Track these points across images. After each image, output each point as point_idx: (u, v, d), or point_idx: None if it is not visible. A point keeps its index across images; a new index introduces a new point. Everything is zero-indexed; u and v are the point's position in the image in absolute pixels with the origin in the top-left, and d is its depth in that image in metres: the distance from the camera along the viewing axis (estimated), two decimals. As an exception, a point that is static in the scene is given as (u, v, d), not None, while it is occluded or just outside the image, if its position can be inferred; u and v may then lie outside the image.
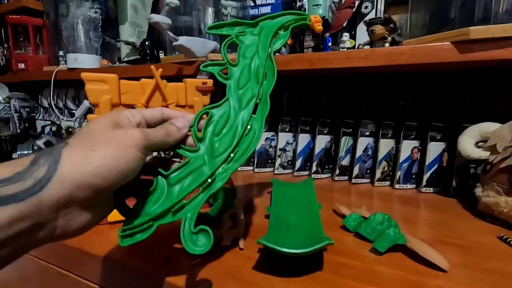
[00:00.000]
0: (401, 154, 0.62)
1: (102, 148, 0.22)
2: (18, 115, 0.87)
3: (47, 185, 0.19)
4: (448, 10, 0.53)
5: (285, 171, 0.75)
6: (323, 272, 0.32)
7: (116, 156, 0.22)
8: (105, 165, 0.22)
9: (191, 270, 0.32)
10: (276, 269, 0.32)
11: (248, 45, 0.29)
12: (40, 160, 0.20)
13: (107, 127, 0.24)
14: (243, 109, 0.27)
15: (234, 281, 0.30)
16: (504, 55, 0.43)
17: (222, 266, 0.33)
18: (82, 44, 0.96)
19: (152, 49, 0.86)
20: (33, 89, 1.14)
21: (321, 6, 0.58)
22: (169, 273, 0.31)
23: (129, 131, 0.24)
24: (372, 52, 0.52)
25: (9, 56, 1.13)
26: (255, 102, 0.27)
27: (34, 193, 0.19)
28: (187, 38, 0.60)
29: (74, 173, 0.20)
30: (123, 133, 0.24)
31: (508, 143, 0.43)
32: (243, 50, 0.29)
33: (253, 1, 0.81)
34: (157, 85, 0.46)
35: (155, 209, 0.24)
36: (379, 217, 0.39)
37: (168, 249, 0.36)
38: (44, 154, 0.21)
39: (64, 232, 0.22)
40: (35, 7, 1.07)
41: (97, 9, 0.96)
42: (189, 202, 0.25)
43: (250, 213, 0.48)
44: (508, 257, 0.35)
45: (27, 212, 0.18)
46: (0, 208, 0.17)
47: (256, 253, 0.35)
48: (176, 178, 0.26)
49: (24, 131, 0.91)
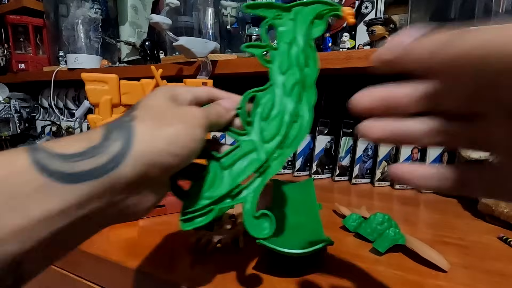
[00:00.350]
0: (401, 155, 0.62)
1: (172, 124, 0.21)
2: (18, 115, 0.87)
3: (122, 161, 0.18)
4: (448, 10, 0.53)
5: (285, 171, 0.75)
6: (323, 272, 0.32)
7: (187, 134, 0.21)
8: (177, 143, 0.20)
9: (191, 270, 0.32)
10: (276, 269, 0.32)
11: (285, 30, 0.28)
12: (112, 134, 0.19)
13: (168, 103, 0.22)
14: (287, 95, 0.26)
15: (234, 281, 0.30)
16: (504, 55, 0.43)
17: (222, 266, 0.33)
18: (82, 44, 0.96)
19: (152, 49, 0.86)
20: (33, 89, 1.14)
21: (321, 6, 0.58)
22: (169, 273, 0.31)
23: (193, 110, 0.23)
24: (372, 52, 0.52)
25: (9, 56, 1.13)
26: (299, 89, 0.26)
27: (110, 169, 0.18)
28: (187, 39, 0.60)
29: (148, 149, 0.19)
30: (189, 111, 0.23)
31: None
32: (280, 34, 0.28)
33: (253, 1, 0.81)
34: (157, 86, 0.46)
35: (212, 193, 0.24)
36: (379, 217, 0.39)
37: (168, 249, 0.36)
38: (114, 127, 0.19)
39: (132, 212, 0.21)
40: (35, 7, 1.07)
41: (97, 9, 0.96)
42: (246, 187, 0.24)
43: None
44: (508, 257, 0.35)
45: (102, 189, 0.17)
46: (74, 185, 0.16)
47: (256, 253, 0.35)
48: (228, 162, 0.25)
49: (24, 131, 0.91)
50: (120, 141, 0.19)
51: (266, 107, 0.27)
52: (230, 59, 0.67)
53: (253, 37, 0.69)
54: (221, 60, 0.67)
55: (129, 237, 0.40)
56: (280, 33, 0.28)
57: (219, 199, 0.23)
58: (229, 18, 0.76)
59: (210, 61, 0.65)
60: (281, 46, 0.28)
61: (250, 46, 0.28)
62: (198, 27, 0.78)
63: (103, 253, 0.35)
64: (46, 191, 0.15)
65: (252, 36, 0.69)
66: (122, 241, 0.38)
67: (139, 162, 0.19)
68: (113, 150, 0.18)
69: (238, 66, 0.65)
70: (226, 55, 0.69)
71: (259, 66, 0.30)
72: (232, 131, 0.26)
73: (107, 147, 0.18)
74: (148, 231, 0.41)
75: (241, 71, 0.65)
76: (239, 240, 0.37)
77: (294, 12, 0.29)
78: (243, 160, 0.25)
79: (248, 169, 0.24)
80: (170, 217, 0.46)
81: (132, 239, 0.39)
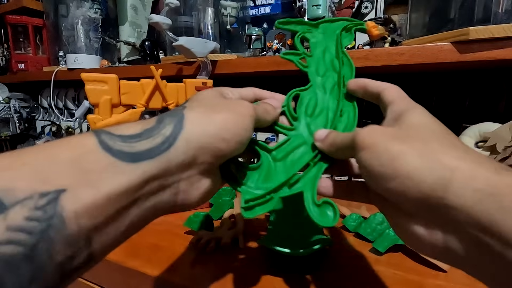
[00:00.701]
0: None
1: (222, 111, 0.21)
2: (18, 115, 0.87)
3: (175, 143, 0.19)
4: (448, 10, 0.53)
5: (285, 171, 0.75)
6: (323, 272, 0.32)
7: (237, 121, 0.21)
8: (227, 128, 0.21)
9: (191, 270, 0.32)
10: (276, 269, 0.32)
11: (317, 41, 0.32)
12: (165, 119, 0.20)
13: (218, 96, 0.24)
14: (328, 94, 0.29)
15: (234, 281, 0.30)
16: (503, 55, 0.43)
17: (222, 266, 0.33)
18: (82, 44, 0.96)
19: (152, 49, 0.86)
20: (33, 90, 1.14)
21: (321, 6, 0.58)
22: (169, 273, 0.31)
23: (242, 101, 0.24)
24: (371, 52, 0.52)
25: (9, 56, 1.13)
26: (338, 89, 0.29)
27: (164, 150, 0.18)
28: (187, 38, 0.60)
29: (199, 132, 0.20)
30: (239, 102, 0.24)
31: (508, 143, 0.43)
32: (313, 45, 0.32)
33: (252, 1, 0.81)
34: (157, 85, 0.46)
35: (269, 183, 0.24)
36: (379, 217, 0.39)
37: (168, 249, 0.36)
38: (167, 115, 0.20)
39: (185, 198, 0.21)
40: (35, 8, 1.07)
41: (97, 9, 0.96)
42: (303, 176, 0.24)
43: (250, 213, 0.48)
44: (508, 257, 0.35)
45: (158, 170, 0.18)
46: (134, 164, 0.17)
47: (256, 253, 0.35)
48: (281, 154, 0.26)
49: (24, 132, 0.91)
50: (173, 124, 0.20)
51: (310, 104, 0.29)
52: (230, 59, 0.67)
53: (253, 37, 0.69)
54: (221, 60, 0.67)
55: (129, 237, 0.40)
56: (313, 43, 0.32)
57: (276, 188, 0.23)
58: (229, 18, 0.76)
59: (210, 61, 0.65)
60: (315, 54, 0.31)
61: (288, 54, 0.31)
62: (198, 27, 0.78)
63: (103, 253, 0.35)
64: (113, 169, 0.16)
65: (252, 36, 0.69)
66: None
67: (191, 144, 0.19)
68: (167, 131, 0.19)
69: (238, 66, 0.65)
70: (226, 55, 0.69)
71: (258, 66, 0.31)
72: (280, 126, 0.28)
73: (161, 129, 0.19)
74: (148, 231, 0.41)
75: (241, 71, 0.65)
76: (239, 240, 0.37)
77: (322, 27, 0.32)
78: (294, 152, 0.26)
79: (301, 160, 0.25)
80: (170, 217, 0.45)
81: (132, 239, 0.39)
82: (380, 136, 0.19)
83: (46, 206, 0.14)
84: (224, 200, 0.48)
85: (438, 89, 0.62)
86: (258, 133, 0.74)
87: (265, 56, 0.68)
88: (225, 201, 0.47)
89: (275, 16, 0.80)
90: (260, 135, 0.74)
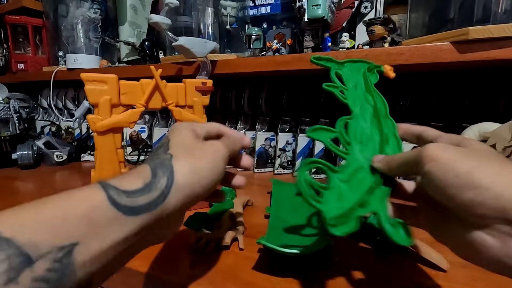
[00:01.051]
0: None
1: (202, 159, 0.24)
2: (17, 115, 0.87)
3: (168, 196, 0.21)
4: (448, 10, 0.53)
5: (284, 171, 0.75)
6: (323, 272, 0.32)
7: (213, 169, 0.25)
8: (206, 177, 0.24)
9: (191, 270, 0.32)
10: (276, 269, 0.32)
11: (347, 77, 0.36)
12: (158, 171, 0.22)
13: (193, 139, 0.26)
14: (369, 123, 0.32)
15: (234, 281, 0.30)
16: (503, 55, 0.43)
17: (222, 266, 0.33)
18: (82, 44, 0.96)
19: (151, 49, 0.86)
20: (32, 90, 1.14)
21: (321, 6, 0.58)
22: (169, 273, 0.31)
23: (216, 144, 0.27)
24: (371, 52, 0.52)
25: (9, 56, 1.13)
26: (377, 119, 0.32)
27: (159, 203, 0.21)
28: (186, 38, 0.60)
29: (185, 184, 0.23)
30: (213, 145, 0.26)
31: (507, 143, 0.43)
32: (346, 79, 0.36)
33: (252, 1, 0.81)
34: (156, 86, 0.46)
35: (344, 203, 0.25)
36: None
37: (168, 249, 0.36)
38: (158, 166, 0.23)
39: (165, 235, 0.25)
40: (35, 8, 1.07)
41: (97, 9, 0.96)
42: (372, 197, 0.26)
43: (250, 213, 0.48)
44: (507, 256, 0.35)
45: (153, 221, 0.21)
46: (135, 217, 0.20)
47: (256, 253, 0.35)
48: (345, 177, 0.27)
49: (24, 132, 0.91)
50: (166, 177, 0.22)
51: (357, 132, 0.31)
52: (229, 59, 0.67)
53: (253, 36, 0.69)
54: (221, 60, 0.67)
55: (129, 237, 0.40)
56: (346, 78, 0.35)
57: (352, 207, 0.25)
58: (229, 18, 0.76)
59: (210, 61, 0.65)
60: (349, 88, 0.35)
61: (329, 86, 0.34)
62: (198, 27, 0.78)
63: (103, 253, 0.35)
64: (117, 222, 0.19)
65: (252, 35, 0.69)
66: (122, 241, 0.38)
67: (180, 195, 0.22)
68: (162, 185, 0.22)
69: (238, 66, 0.65)
70: (225, 55, 0.69)
71: (258, 66, 0.31)
72: (338, 150, 0.30)
73: (157, 183, 0.21)
74: (148, 231, 0.41)
75: (240, 71, 0.65)
76: (238, 240, 0.37)
77: (348, 66, 0.37)
78: (356, 175, 0.27)
79: (364, 183, 0.27)
80: (170, 217, 0.45)
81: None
82: (453, 150, 0.21)
83: (62, 259, 0.16)
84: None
85: (437, 89, 0.62)
86: (258, 133, 0.74)
87: (265, 56, 0.68)
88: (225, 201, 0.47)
89: (274, 16, 0.80)
90: (260, 135, 0.74)
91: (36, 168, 0.81)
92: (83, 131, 0.98)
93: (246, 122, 0.80)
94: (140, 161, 0.85)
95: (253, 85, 0.78)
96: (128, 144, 0.86)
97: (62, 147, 0.87)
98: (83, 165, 0.85)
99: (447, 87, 0.62)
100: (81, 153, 0.90)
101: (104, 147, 0.45)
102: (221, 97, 0.82)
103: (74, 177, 0.72)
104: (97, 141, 0.44)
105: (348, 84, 0.35)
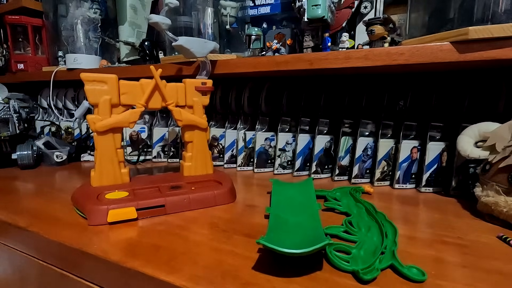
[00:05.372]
0: (401, 154, 0.62)
1: None
2: (17, 115, 0.87)
3: None
4: (447, 10, 0.53)
5: (284, 171, 0.75)
6: (323, 272, 0.32)
7: None
8: None
9: (191, 270, 0.32)
10: (276, 269, 0.32)
11: (339, 197, 0.54)
12: None
13: None
14: (365, 217, 0.45)
15: (234, 281, 0.30)
16: (503, 55, 0.43)
17: (222, 266, 0.33)
18: (82, 44, 0.96)
19: (151, 49, 0.86)
20: (32, 90, 1.14)
21: (321, 6, 0.58)
22: (169, 273, 0.31)
23: None
24: (371, 52, 0.52)
25: (8, 56, 1.13)
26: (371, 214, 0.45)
27: None
28: (186, 38, 0.60)
29: None
30: None
31: (507, 143, 0.43)
32: (338, 198, 0.53)
33: (252, 1, 0.81)
34: (156, 85, 0.46)
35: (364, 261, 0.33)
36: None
37: (168, 249, 0.36)
38: None
39: None
40: (34, 8, 1.07)
41: (96, 9, 0.96)
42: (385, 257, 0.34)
43: (250, 213, 0.48)
44: (507, 256, 0.35)
45: None
46: None
47: (256, 253, 0.35)
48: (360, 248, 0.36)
49: (24, 132, 0.91)
50: None
51: (360, 224, 0.43)
52: (229, 59, 0.67)
53: (252, 36, 0.69)
54: (221, 60, 0.67)
55: (129, 237, 0.40)
56: (338, 198, 0.54)
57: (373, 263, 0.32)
58: (229, 18, 0.76)
59: (210, 61, 0.65)
60: (343, 203, 0.51)
61: (329, 203, 0.50)
62: (198, 27, 0.78)
63: (103, 253, 0.35)
64: None
65: (251, 35, 0.69)
66: (122, 241, 0.38)
67: None
68: None
69: (238, 66, 0.65)
70: (225, 55, 0.69)
71: (258, 66, 0.31)
72: (350, 236, 0.39)
73: None
74: (148, 231, 0.41)
75: (240, 71, 0.65)
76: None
77: (337, 190, 0.58)
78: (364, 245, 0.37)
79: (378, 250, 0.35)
80: (170, 217, 0.46)
81: (132, 239, 0.39)
82: None
83: None
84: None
85: (437, 89, 0.62)
86: (258, 133, 0.74)
87: (265, 56, 0.68)
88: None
89: (274, 16, 0.80)
90: (260, 135, 0.74)
91: (36, 168, 0.81)
92: (83, 131, 0.98)
93: (246, 122, 0.80)
94: (140, 161, 0.85)
95: (253, 85, 0.78)
96: (128, 144, 0.86)
97: (62, 147, 0.87)
98: (83, 165, 0.85)
99: (447, 87, 0.62)
100: (81, 153, 0.90)
101: (104, 147, 0.45)
102: (221, 97, 0.82)
103: (74, 177, 0.72)
104: (97, 141, 0.44)
105: (342, 201, 0.52)
